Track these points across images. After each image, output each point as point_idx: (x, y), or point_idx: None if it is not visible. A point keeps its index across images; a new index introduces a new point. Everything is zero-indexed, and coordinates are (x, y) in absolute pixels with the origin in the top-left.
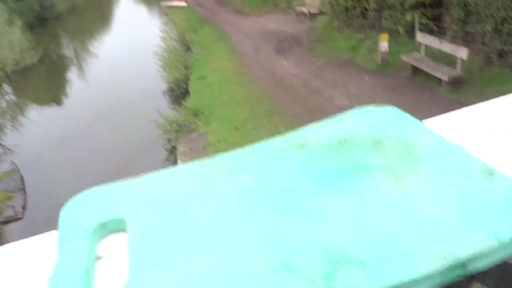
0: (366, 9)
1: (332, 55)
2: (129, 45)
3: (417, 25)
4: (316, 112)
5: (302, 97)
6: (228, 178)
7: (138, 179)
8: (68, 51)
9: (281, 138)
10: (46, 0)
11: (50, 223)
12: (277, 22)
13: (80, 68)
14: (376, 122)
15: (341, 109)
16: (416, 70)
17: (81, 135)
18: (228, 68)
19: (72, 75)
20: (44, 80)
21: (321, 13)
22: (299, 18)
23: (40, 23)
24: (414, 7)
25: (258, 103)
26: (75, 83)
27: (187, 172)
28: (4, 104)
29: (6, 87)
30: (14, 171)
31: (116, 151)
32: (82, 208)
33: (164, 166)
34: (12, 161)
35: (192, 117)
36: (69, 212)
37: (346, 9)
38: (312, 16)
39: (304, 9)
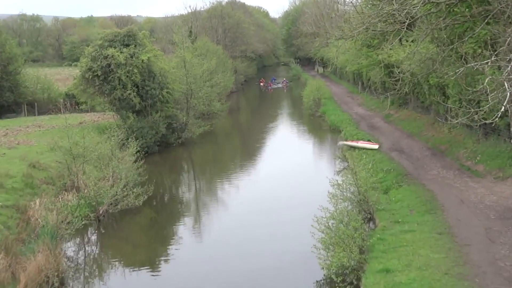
0: None
1: None
2: (276, 198)
3: None
4: None
5: None
6: None
7: None
8: (184, 191)
9: None
10: (177, 121)
11: None
12: None
13: (196, 223)
14: None
15: None
16: None
17: None
18: (435, 263)
19: (184, 230)
20: (139, 233)
21: None
22: None
23: (165, 148)
24: None
25: None
26: (186, 245)
27: None
28: (80, 257)
29: (90, 233)
30: None
31: None
32: None
33: None
34: None
35: None
36: None
37: None
38: None
39: None
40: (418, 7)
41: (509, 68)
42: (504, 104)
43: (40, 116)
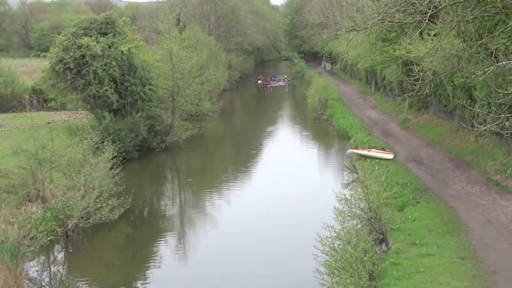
0: None
1: None
2: (273, 214)
3: None
4: None
5: None
6: None
7: None
8: (167, 204)
9: None
10: (161, 122)
11: None
12: None
13: (180, 242)
14: None
15: None
16: None
17: None
18: None
19: (165, 249)
20: (114, 252)
21: None
22: None
23: (146, 153)
24: None
25: None
26: (167, 266)
27: None
28: (45, 278)
29: (57, 251)
30: None
31: None
32: None
33: None
34: None
35: None
36: None
37: None
38: None
39: None
40: None
41: None
42: None
43: (1, 114)
